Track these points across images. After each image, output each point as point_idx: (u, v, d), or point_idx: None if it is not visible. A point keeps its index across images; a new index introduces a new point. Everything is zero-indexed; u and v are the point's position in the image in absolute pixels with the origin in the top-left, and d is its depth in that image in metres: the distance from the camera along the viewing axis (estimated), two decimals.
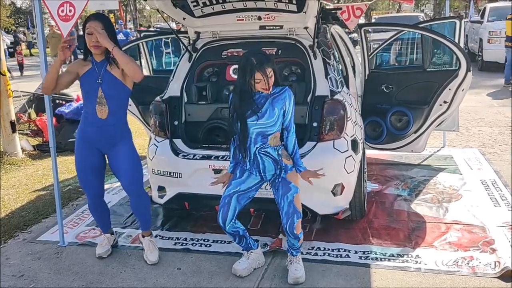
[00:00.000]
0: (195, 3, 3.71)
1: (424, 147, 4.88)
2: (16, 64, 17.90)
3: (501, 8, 13.29)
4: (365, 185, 4.02)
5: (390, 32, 5.57)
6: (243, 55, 2.99)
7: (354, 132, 3.66)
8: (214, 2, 3.69)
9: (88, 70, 3.20)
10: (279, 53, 3.88)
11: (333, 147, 3.49)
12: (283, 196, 3.00)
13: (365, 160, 4.08)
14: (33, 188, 5.18)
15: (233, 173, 3.14)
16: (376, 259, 3.33)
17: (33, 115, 7.59)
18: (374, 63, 5.49)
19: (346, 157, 3.49)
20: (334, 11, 4.83)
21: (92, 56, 3.21)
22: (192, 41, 4.11)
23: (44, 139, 6.72)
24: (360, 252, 3.43)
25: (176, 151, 3.71)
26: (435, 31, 4.71)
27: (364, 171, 4.00)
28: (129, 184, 3.33)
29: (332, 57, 3.86)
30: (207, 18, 3.87)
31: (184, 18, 3.87)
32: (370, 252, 3.42)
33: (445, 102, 4.55)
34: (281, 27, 3.88)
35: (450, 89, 4.48)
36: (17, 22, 39.80)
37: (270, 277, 3.16)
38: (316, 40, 3.71)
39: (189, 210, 3.98)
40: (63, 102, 7.38)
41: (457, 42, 4.73)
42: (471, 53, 13.86)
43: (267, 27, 3.89)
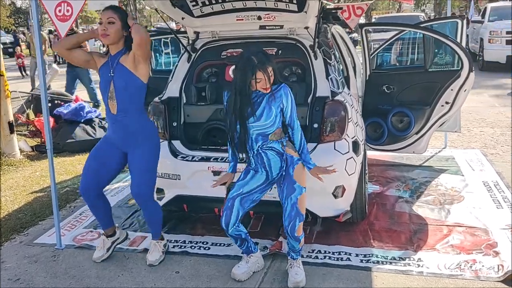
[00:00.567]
0: (194, 3, 3.66)
1: (426, 148, 4.84)
2: (15, 64, 17.82)
3: (502, 8, 13.26)
4: (366, 186, 3.97)
5: (391, 32, 5.52)
6: (242, 54, 2.94)
7: (355, 134, 3.61)
8: (213, 1, 3.63)
9: (104, 63, 3.17)
10: (279, 53, 3.83)
11: (334, 148, 3.44)
12: (287, 197, 2.95)
13: (366, 161, 4.03)
14: (30, 189, 5.13)
15: (233, 172, 3.09)
16: (378, 262, 3.29)
17: (32, 116, 7.53)
18: (375, 63, 5.44)
19: (347, 159, 3.44)
20: (334, 11, 4.78)
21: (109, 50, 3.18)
22: (191, 41, 4.06)
23: (43, 140, 6.66)
24: (361, 255, 3.39)
25: (174, 153, 3.66)
26: (436, 31, 4.66)
27: (365, 173, 3.96)
28: (135, 194, 3.26)
29: (333, 57, 3.82)
30: (206, 18, 3.82)
31: (183, 18, 3.82)
32: (371, 255, 3.37)
33: (447, 102, 4.50)
34: (282, 27, 3.83)
35: (452, 90, 4.44)
36: (17, 22, 39.74)
37: (270, 281, 3.12)
38: (316, 40, 3.66)
39: (188, 213, 3.93)
40: (62, 103, 7.32)
41: (459, 42, 4.68)
42: (472, 53, 13.82)
43: (267, 27, 3.84)
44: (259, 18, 3.73)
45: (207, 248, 3.58)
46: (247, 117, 2.88)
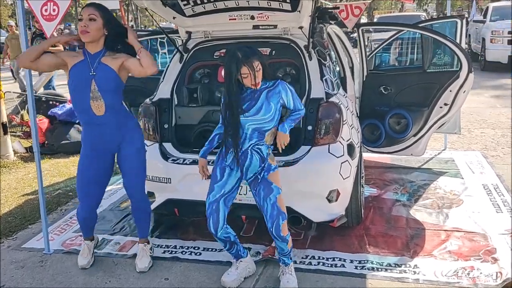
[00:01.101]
0: (185, 2, 3.56)
1: (424, 150, 4.73)
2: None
3: (504, 8, 13.13)
4: (362, 190, 3.87)
5: (392, 32, 5.42)
6: (227, 50, 2.87)
7: (351, 136, 3.51)
8: (205, 1, 3.54)
9: (79, 61, 2.99)
10: (273, 54, 3.74)
11: (328, 151, 3.34)
12: (265, 198, 2.88)
13: (362, 164, 3.94)
14: (22, 192, 5.04)
15: (205, 158, 3.03)
16: (373, 269, 3.19)
17: (26, 117, 7.45)
18: (373, 63, 5.34)
19: (341, 162, 3.35)
20: (331, 10, 4.69)
21: (84, 48, 3.02)
22: (183, 41, 3.97)
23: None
24: (356, 261, 3.29)
25: (165, 156, 3.57)
26: (435, 31, 4.56)
27: (361, 176, 3.86)
28: (129, 186, 3.24)
29: (328, 58, 3.72)
30: (198, 18, 3.73)
31: (174, 17, 3.72)
32: (366, 261, 3.28)
33: (445, 104, 4.40)
34: (275, 26, 3.73)
35: (451, 91, 4.33)
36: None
37: None
38: (311, 40, 3.57)
39: (180, 217, 3.84)
40: (57, 104, 7.24)
41: (458, 42, 4.58)
42: (474, 53, 13.71)
43: (260, 27, 3.75)
44: (252, 17, 3.64)
45: (198, 254, 3.49)
46: (238, 114, 2.80)
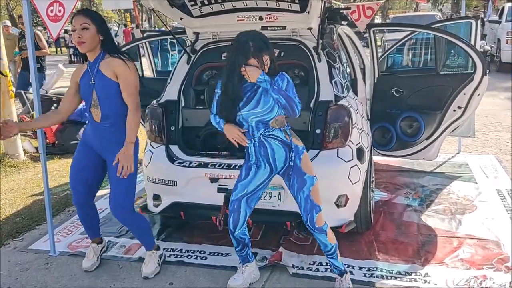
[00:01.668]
0: (193, 2, 3.52)
1: (437, 154, 4.62)
2: None
3: None
4: (372, 195, 3.79)
5: (406, 33, 5.32)
6: (238, 36, 2.73)
7: (360, 140, 3.43)
8: (213, 1, 3.50)
9: (84, 73, 3.02)
10: (281, 55, 3.67)
11: (337, 155, 3.27)
12: (299, 191, 2.78)
13: (372, 168, 3.86)
14: (31, 192, 5.05)
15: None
16: (382, 276, 3.11)
17: None
18: (385, 65, 5.24)
19: (350, 167, 3.27)
20: (342, 11, 4.61)
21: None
22: (191, 42, 3.92)
23: (47, 141, 6.60)
24: (365, 268, 3.22)
25: (172, 158, 3.52)
26: (448, 32, 4.44)
27: (371, 181, 3.78)
28: (112, 207, 3.09)
29: (337, 60, 3.64)
30: (206, 18, 3.68)
31: (181, 18, 3.68)
32: (375, 269, 3.20)
33: (459, 107, 4.28)
34: (284, 27, 3.66)
35: (465, 94, 4.22)
36: (35, 21, 40.13)
37: None
38: (320, 41, 3.49)
39: (185, 220, 3.79)
40: None
41: (472, 44, 4.47)
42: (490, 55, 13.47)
43: (269, 28, 3.68)
44: (261, 18, 3.58)
45: (204, 258, 3.44)
46: (240, 108, 2.72)
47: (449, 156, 5.63)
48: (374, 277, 3.11)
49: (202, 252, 3.51)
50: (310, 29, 3.55)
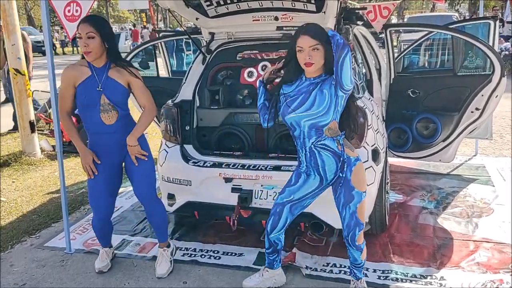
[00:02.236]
0: (208, 3, 3.53)
1: (454, 156, 4.56)
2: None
3: None
4: (387, 197, 3.76)
5: (423, 33, 5.26)
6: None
7: (375, 141, 3.41)
8: (228, 1, 3.50)
9: (86, 78, 2.95)
10: None
11: None
12: (345, 205, 2.68)
13: (388, 170, 3.82)
14: (47, 190, 5.11)
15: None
16: (397, 279, 3.09)
17: None
18: (401, 65, 5.19)
19: (365, 168, 3.24)
20: (358, 11, 4.57)
21: (89, 63, 2.98)
22: (206, 43, 3.93)
23: (64, 139, 6.67)
24: (379, 271, 3.19)
25: (186, 158, 3.54)
26: (466, 33, 4.38)
27: (386, 182, 3.75)
28: (138, 193, 3.18)
29: (353, 60, 3.61)
30: (221, 19, 3.69)
31: (197, 19, 3.69)
32: (390, 272, 3.17)
33: (477, 109, 4.22)
34: None
35: (482, 95, 4.16)
36: (52, 21, 40.56)
37: None
38: None
39: (199, 219, 3.80)
40: None
41: (491, 45, 4.40)
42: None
43: (284, 28, 3.67)
44: (276, 18, 3.57)
45: (217, 258, 3.44)
46: (294, 109, 2.63)
47: (466, 158, 5.56)
48: (388, 279, 3.09)
49: (215, 252, 3.52)
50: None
